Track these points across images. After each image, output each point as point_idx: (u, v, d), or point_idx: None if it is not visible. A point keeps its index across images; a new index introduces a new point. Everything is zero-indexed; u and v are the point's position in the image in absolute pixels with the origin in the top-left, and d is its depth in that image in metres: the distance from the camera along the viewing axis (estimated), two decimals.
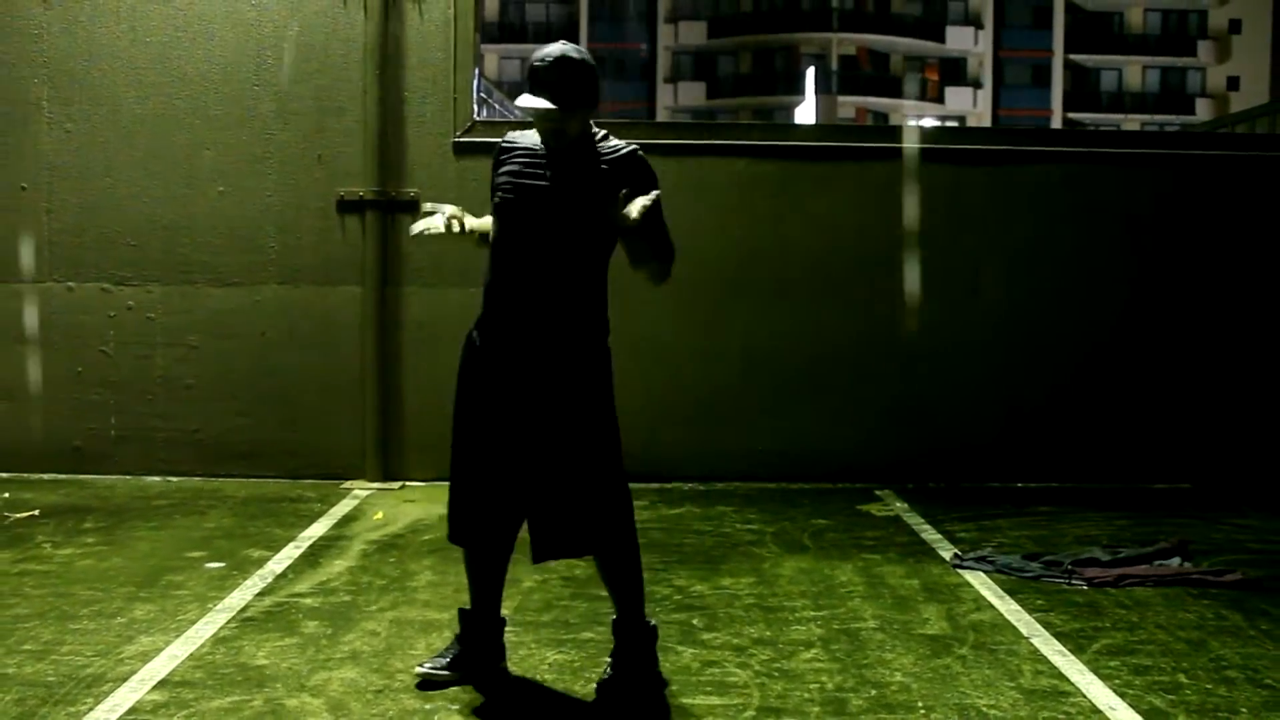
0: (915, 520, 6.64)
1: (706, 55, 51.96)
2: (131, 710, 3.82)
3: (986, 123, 50.45)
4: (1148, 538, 6.14)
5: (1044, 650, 4.47)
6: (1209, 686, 4.14)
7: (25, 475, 7.47)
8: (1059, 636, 4.63)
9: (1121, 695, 4.03)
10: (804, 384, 7.66)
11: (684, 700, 3.97)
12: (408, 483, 7.49)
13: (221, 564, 5.58)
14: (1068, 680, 4.17)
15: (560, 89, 3.78)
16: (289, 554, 5.77)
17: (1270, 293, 7.81)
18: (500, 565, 4.14)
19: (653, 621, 4.15)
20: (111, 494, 7.10)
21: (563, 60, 3.80)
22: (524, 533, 4.00)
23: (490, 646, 4.18)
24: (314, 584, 5.27)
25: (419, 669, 4.10)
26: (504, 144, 3.99)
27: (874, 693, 4.04)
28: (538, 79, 3.80)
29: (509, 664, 4.26)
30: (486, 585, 4.13)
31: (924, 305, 7.67)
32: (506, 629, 4.69)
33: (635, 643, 4.05)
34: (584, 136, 3.90)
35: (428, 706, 3.88)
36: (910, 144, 8.10)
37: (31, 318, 7.57)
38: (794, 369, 7.64)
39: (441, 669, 4.07)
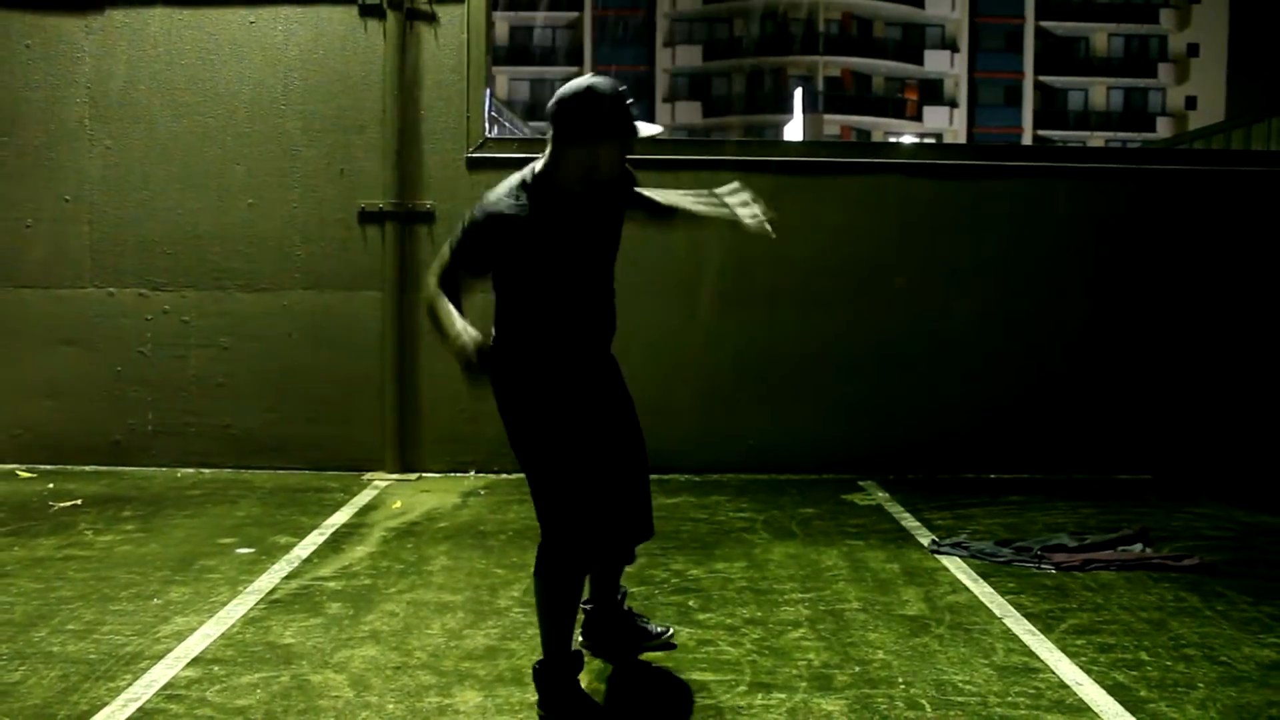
0: (896, 509, 6.64)
1: (702, 77, 51.94)
2: (167, 685, 3.82)
3: (962, 139, 50.43)
4: (1112, 525, 6.15)
5: (1015, 630, 4.47)
6: (1169, 663, 4.14)
7: (69, 467, 7.48)
8: (1029, 617, 4.63)
9: (1088, 671, 4.03)
10: (793, 382, 7.65)
11: (680, 676, 3.97)
12: (424, 474, 7.49)
13: (251, 550, 5.59)
14: (1037, 658, 4.17)
15: None
16: (313, 540, 5.77)
17: (1226, 295, 7.81)
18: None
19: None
20: (149, 484, 7.10)
21: None
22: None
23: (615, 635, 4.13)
24: (337, 568, 5.27)
25: None
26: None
27: (857, 669, 4.04)
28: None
29: (519, 642, 4.26)
30: (574, 617, 3.71)
31: (905, 308, 7.68)
32: (515, 610, 4.69)
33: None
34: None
35: (443, 682, 3.88)
36: (891, 159, 8.10)
37: (75, 321, 7.58)
38: (784, 369, 7.64)
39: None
